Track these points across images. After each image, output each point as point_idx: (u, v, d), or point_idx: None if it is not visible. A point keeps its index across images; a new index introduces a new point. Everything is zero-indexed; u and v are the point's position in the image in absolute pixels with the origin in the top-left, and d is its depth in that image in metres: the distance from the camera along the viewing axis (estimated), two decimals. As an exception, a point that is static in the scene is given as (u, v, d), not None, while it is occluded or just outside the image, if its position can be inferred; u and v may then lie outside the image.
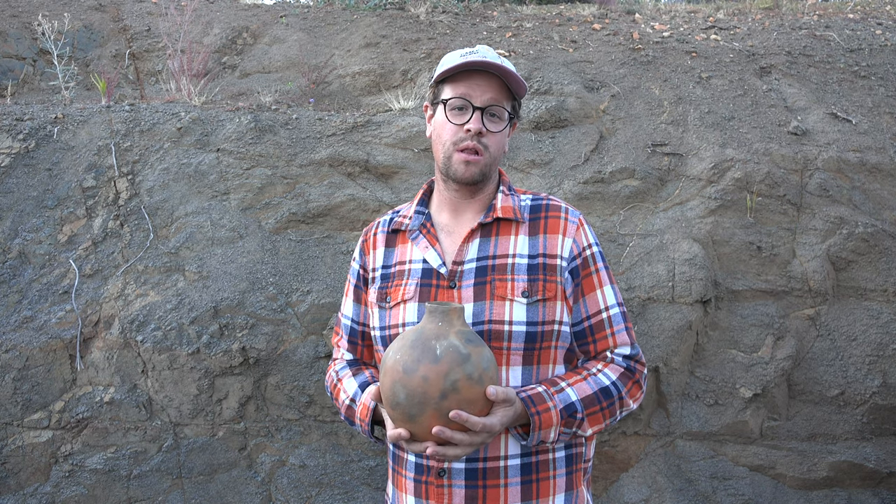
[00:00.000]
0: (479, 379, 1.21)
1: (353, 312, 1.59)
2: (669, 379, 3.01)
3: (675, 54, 4.27)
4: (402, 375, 1.21)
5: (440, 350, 1.21)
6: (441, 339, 1.22)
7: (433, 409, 1.19)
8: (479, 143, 1.40)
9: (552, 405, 1.31)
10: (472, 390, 1.20)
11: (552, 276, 1.40)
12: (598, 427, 1.37)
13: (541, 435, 1.31)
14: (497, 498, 1.35)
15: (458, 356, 1.20)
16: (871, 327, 3.12)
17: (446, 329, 1.24)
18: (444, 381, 1.18)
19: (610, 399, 1.37)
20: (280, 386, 2.91)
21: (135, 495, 2.79)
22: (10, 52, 4.50)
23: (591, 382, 1.37)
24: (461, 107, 1.41)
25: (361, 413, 1.43)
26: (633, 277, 3.14)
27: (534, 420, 1.29)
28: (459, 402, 1.19)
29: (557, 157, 3.58)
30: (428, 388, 1.19)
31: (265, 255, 3.12)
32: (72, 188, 3.20)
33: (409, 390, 1.20)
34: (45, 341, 2.84)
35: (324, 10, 5.23)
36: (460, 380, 1.19)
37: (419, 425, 1.21)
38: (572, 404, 1.33)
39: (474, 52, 1.41)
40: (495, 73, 1.41)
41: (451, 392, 1.18)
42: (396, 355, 1.24)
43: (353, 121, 3.62)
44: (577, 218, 1.47)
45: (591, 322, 1.43)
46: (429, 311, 1.27)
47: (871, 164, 3.50)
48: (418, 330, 1.27)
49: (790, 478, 2.99)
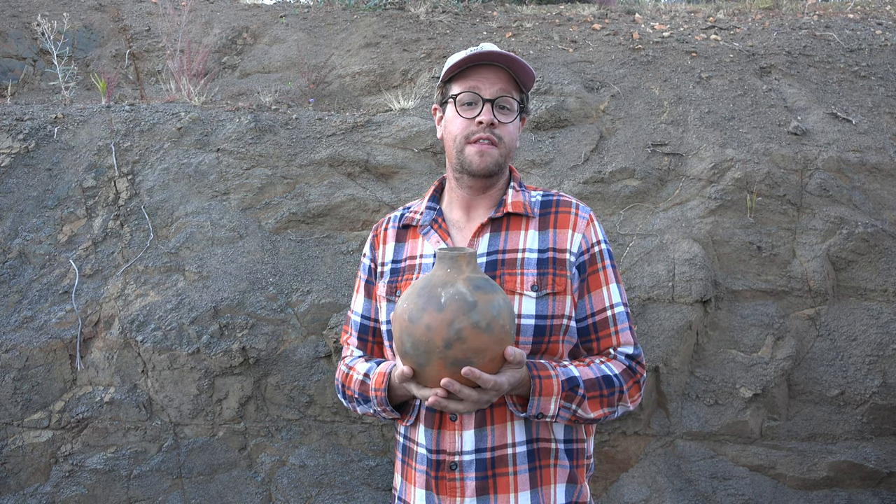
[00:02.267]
0: (487, 327, 1.16)
1: (364, 308, 1.57)
2: (669, 379, 3.01)
3: (675, 54, 4.27)
4: (408, 324, 1.18)
5: (445, 298, 1.17)
6: (447, 287, 1.19)
7: (438, 357, 1.16)
8: (493, 135, 1.41)
9: (554, 374, 1.30)
10: (479, 338, 1.15)
11: (562, 271, 1.40)
12: (597, 413, 1.35)
13: (540, 403, 1.29)
14: (507, 485, 1.35)
15: (464, 304, 1.16)
16: (871, 327, 3.12)
17: (454, 276, 1.21)
18: (448, 329, 1.15)
19: (611, 388, 1.36)
20: (280, 386, 2.91)
21: (135, 495, 2.79)
22: (10, 52, 4.50)
23: (594, 369, 1.37)
24: (471, 101, 1.41)
25: (376, 382, 1.40)
26: (633, 277, 3.14)
27: (534, 384, 1.27)
28: (466, 350, 1.15)
29: (557, 157, 3.58)
30: (432, 336, 1.15)
31: (265, 255, 3.12)
32: (72, 188, 3.20)
33: (414, 339, 1.17)
34: (45, 341, 2.84)
35: (324, 10, 5.23)
36: (465, 328, 1.15)
37: (427, 374, 1.19)
38: (574, 378, 1.32)
39: (479, 49, 1.42)
40: (502, 65, 1.41)
41: (455, 341, 1.15)
42: (404, 303, 1.21)
43: (353, 121, 3.62)
44: (587, 214, 1.47)
45: (596, 319, 1.43)
46: (439, 258, 1.24)
47: (871, 164, 3.50)
48: (427, 277, 1.24)
49: (790, 478, 2.99)
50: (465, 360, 1.16)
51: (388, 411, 1.41)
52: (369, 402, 1.44)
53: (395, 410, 1.42)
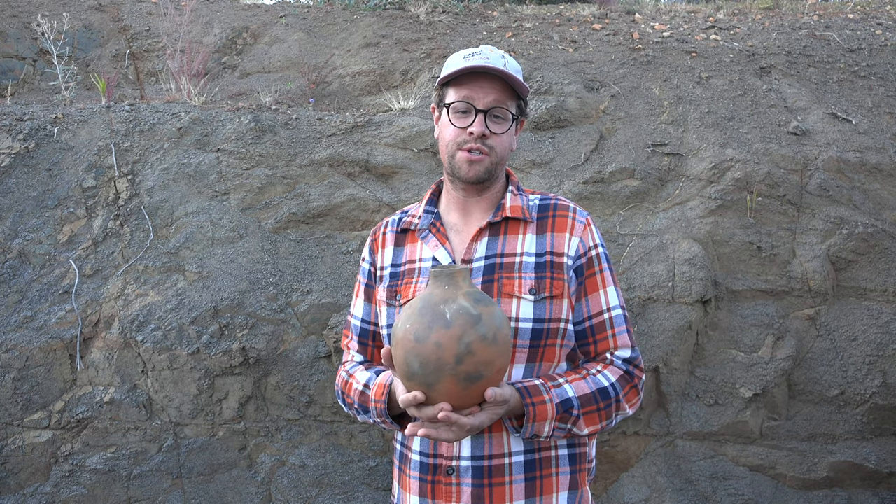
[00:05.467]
0: (493, 339, 1.17)
1: (364, 312, 1.57)
2: (669, 379, 3.01)
3: (675, 54, 4.27)
4: (415, 344, 1.17)
5: (450, 314, 1.17)
6: (450, 303, 1.19)
7: (450, 374, 1.16)
8: (484, 145, 1.42)
9: (548, 398, 1.31)
10: (487, 351, 1.16)
11: (559, 274, 1.41)
12: (594, 427, 1.36)
13: (534, 428, 1.30)
14: (503, 495, 1.35)
15: (470, 318, 1.17)
16: (871, 327, 3.12)
17: (453, 292, 1.21)
18: (459, 344, 1.15)
19: (607, 400, 1.36)
20: (280, 386, 2.91)
21: (135, 495, 2.79)
22: (10, 52, 4.50)
23: (589, 382, 1.37)
24: (464, 110, 1.42)
25: (376, 394, 1.40)
26: (633, 277, 3.14)
27: (528, 411, 1.28)
28: (476, 364, 1.16)
29: (557, 157, 3.58)
30: (442, 353, 1.15)
31: (265, 255, 3.12)
32: (72, 188, 3.20)
33: (422, 359, 1.16)
34: (45, 341, 2.84)
35: (324, 10, 5.23)
36: (474, 342, 1.15)
37: (437, 392, 1.18)
38: (569, 400, 1.32)
39: (477, 54, 1.41)
40: (498, 74, 1.41)
41: (466, 355, 1.15)
42: (406, 324, 1.20)
43: (353, 121, 3.62)
44: (584, 218, 1.48)
45: (593, 322, 1.43)
46: (433, 276, 1.23)
47: (871, 164, 3.50)
48: (425, 296, 1.22)
49: (790, 478, 2.99)
50: (475, 374, 1.17)
51: (389, 423, 1.42)
52: (369, 413, 1.44)
53: (394, 423, 1.42)
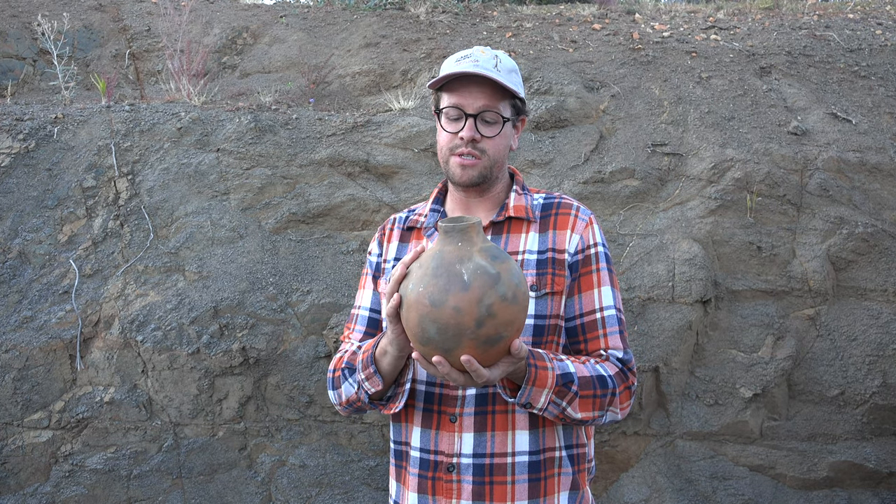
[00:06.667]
0: (513, 298, 1.10)
1: (373, 302, 1.55)
2: (669, 379, 3.01)
3: (675, 54, 4.27)
4: (431, 309, 1.09)
5: (468, 275, 1.09)
6: (465, 262, 1.10)
7: (470, 338, 1.09)
8: (475, 149, 1.42)
9: (550, 367, 1.28)
10: (508, 311, 1.09)
11: (560, 271, 1.41)
12: (586, 414, 1.33)
13: (531, 393, 1.26)
14: (504, 494, 1.35)
15: (489, 278, 1.09)
16: (871, 327, 3.12)
17: (468, 249, 1.12)
18: (479, 308, 1.07)
19: (605, 390, 1.34)
20: (280, 386, 2.91)
21: (135, 495, 2.79)
22: (10, 52, 4.51)
23: (589, 367, 1.35)
24: (456, 117, 1.44)
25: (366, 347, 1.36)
26: (633, 277, 3.14)
27: (529, 372, 1.24)
28: (497, 326, 1.09)
29: (557, 157, 3.58)
30: (462, 318, 1.07)
31: (265, 255, 3.12)
32: (72, 188, 3.20)
33: (440, 324, 1.08)
34: (45, 341, 2.84)
35: (324, 10, 5.23)
36: (495, 303, 1.08)
37: (455, 357, 1.11)
38: (570, 374, 1.30)
39: (468, 57, 1.42)
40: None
41: (487, 318, 1.08)
42: (420, 286, 1.11)
43: (353, 121, 3.62)
44: (587, 216, 1.48)
45: (584, 320, 1.42)
46: (444, 232, 1.14)
47: (871, 164, 3.50)
48: (437, 255, 1.13)
49: (790, 478, 2.99)
50: (496, 337, 1.10)
51: (372, 373, 1.33)
52: (355, 373, 1.38)
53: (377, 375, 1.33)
